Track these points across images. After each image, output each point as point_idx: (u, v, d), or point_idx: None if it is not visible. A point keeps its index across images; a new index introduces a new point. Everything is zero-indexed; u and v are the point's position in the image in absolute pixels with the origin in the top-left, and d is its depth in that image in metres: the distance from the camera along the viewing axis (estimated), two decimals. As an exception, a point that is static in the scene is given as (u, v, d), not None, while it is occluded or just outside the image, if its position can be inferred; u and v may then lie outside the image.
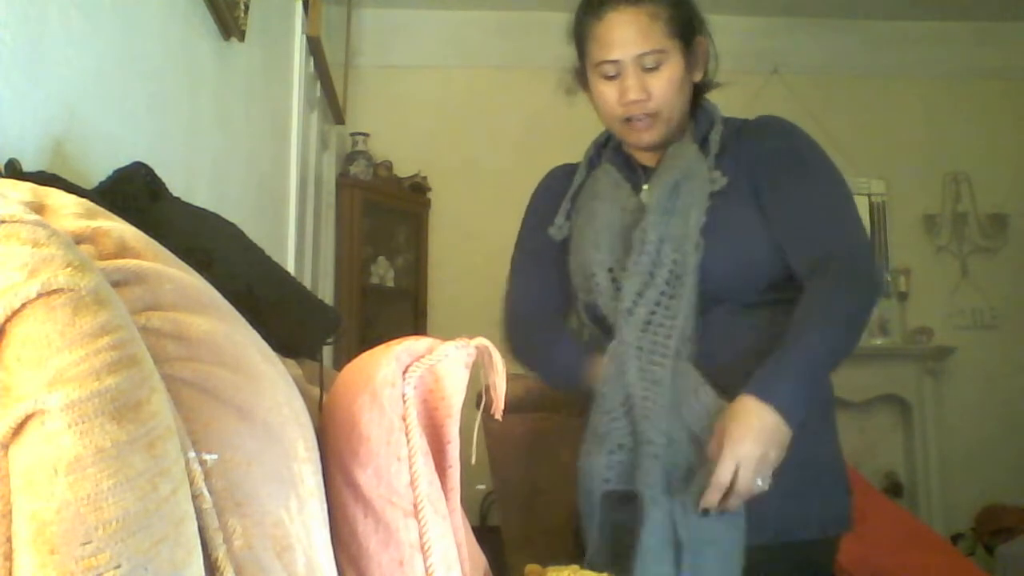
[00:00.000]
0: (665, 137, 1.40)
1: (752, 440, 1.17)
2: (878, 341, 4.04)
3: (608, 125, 1.45)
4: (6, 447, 0.51)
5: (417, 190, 4.05)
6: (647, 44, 1.34)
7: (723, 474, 1.18)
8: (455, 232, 3.99)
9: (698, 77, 1.43)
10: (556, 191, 1.51)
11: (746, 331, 1.31)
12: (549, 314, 1.46)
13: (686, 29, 1.38)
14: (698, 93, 1.45)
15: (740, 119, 1.45)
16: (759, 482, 1.18)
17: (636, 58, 1.34)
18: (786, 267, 1.34)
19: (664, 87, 1.35)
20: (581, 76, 1.47)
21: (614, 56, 1.35)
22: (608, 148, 1.50)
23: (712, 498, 1.19)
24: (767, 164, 1.36)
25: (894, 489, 3.98)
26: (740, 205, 1.34)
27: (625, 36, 1.35)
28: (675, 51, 1.36)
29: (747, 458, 1.17)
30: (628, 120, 1.38)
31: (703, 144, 1.40)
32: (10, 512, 0.51)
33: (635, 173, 1.44)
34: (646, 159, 1.44)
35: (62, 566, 0.49)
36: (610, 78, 1.37)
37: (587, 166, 1.50)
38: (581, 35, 1.43)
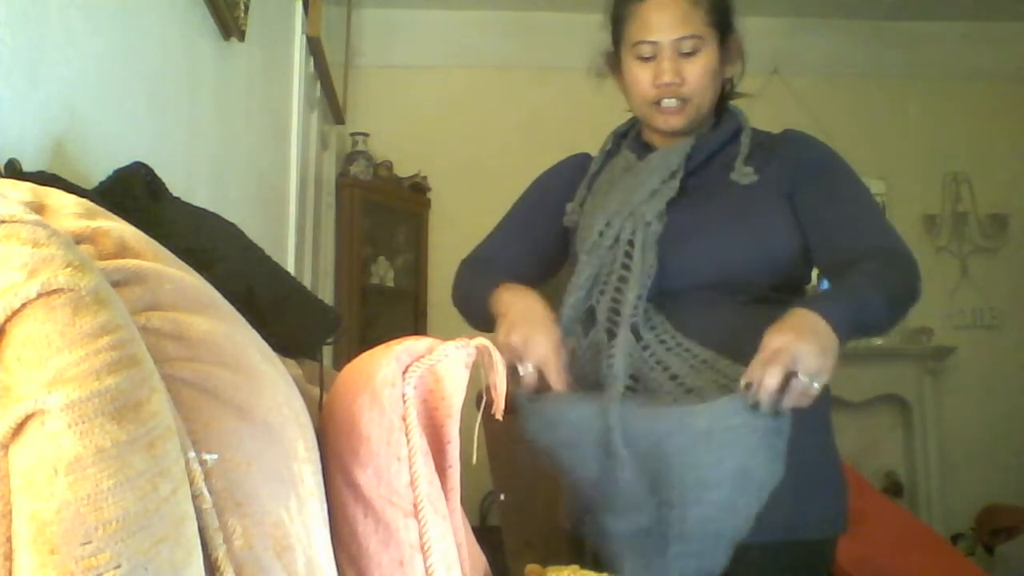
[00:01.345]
0: (692, 125, 1.41)
1: (805, 334, 1.11)
2: (878, 341, 4.03)
3: (637, 108, 1.45)
4: (6, 447, 0.51)
5: (417, 190, 4.05)
6: (686, 29, 1.36)
7: (774, 360, 1.09)
8: (455, 232, 3.96)
9: (730, 73, 1.46)
10: (569, 177, 1.51)
11: (755, 323, 1.31)
12: (505, 270, 1.44)
13: (723, 21, 1.41)
14: (723, 98, 1.47)
15: (763, 131, 1.46)
16: (815, 384, 1.09)
17: (674, 42, 1.36)
18: (803, 270, 1.38)
19: (699, 73, 1.37)
20: (613, 59, 1.48)
21: (653, 37, 1.37)
22: (628, 137, 1.51)
23: (767, 384, 1.09)
24: (807, 172, 1.38)
25: (894, 489, 3.98)
26: (768, 202, 1.36)
27: (665, 19, 1.36)
28: (712, 40, 1.38)
29: (801, 350, 1.10)
30: (658, 104, 1.39)
31: (731, 142, 1.42)
32: (10, 512, 0.51)
33: None
34: (665, 145, 1.44)
35: (62, 566, 0.49)
36: (645, 59, 1.38)
37: (604, 155, 1.50)
38: (619, 16, 1.43)
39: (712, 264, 1.32)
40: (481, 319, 1.37)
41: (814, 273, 1.55)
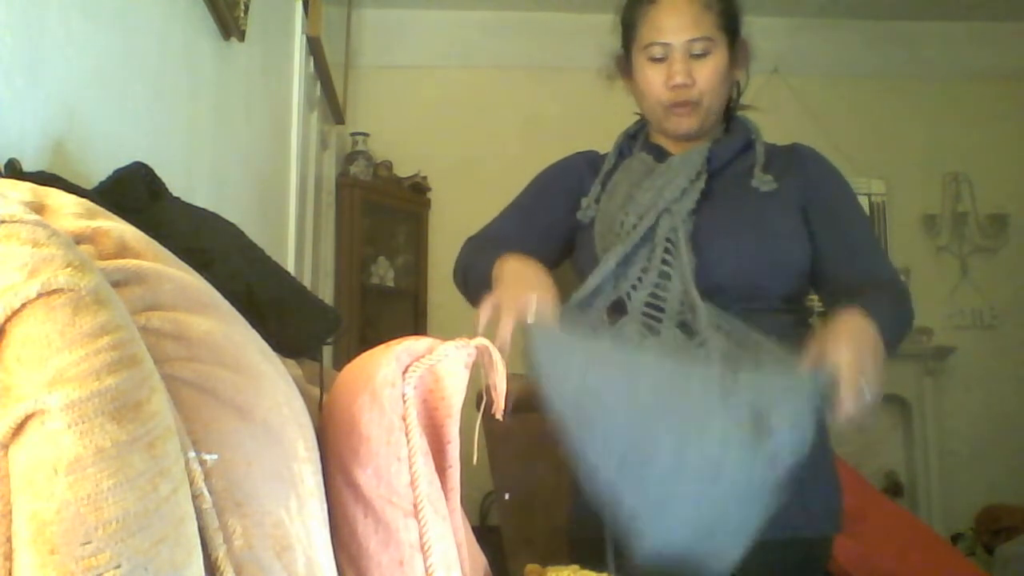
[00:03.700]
0: (703, 127, 1.43)
1: (877, 355, 1.16)
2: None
3: (649, 110, 1.46)
4: (6, 447, 0.51)
5: (417, 190, 4.05)
6: (698, 31, 1.38)
7: (853, 384, 1.12)
8: (455, 232, 3.95)
9: (738, 76, 1.48)
10: (581, 172, 1.51)
11: (765, 331, 1.32)
12: (511, 249, 1.39)
13: (733, 24, 1.43)
14: (729, 107, 1.49)
15: (770, 143, 1.48)
16: (868, 395, 1.15)
17: (686, 43, 1.38)
18: (808, 283, 1.40)
19: (709, 75, 1.39)
20: (623, 63, 1.50)
21: (665, 39, 1.39)
22: (638, 139, 1.51)
23: (852, 410, 1.13)
24: (819, 192, 1.42)
25: (894, 489, 3.98)
26: (787, 211, 1.38)
27: (678, 21, 1.38)
28: (722, 43, 1.40)
29: (873, 375, 1.14)
30: (670, 106, 1.41)
31: (745, 150, 1.44)
32: (10, 512, 0.51)
33: None
34: (678, 149, 1.45)
35: (62, 566, 0.49)
36: (657, 61, 1.40)
37: (617, 154, 1.51)
38: (631, 19, 1.45)
39: (734, 268, 1.33)
40: (480, 291, 1.32)
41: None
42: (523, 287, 1.21)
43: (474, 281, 1.38)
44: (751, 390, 1.16)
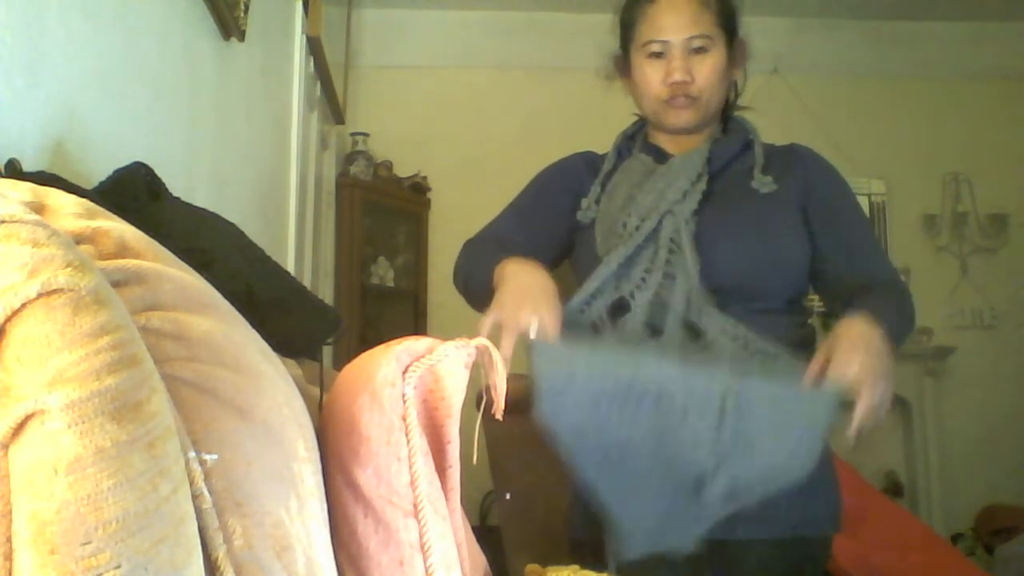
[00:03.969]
0: (700, 122, 1.44)
1: (887, 367, 1.18)
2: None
3: (647, 107, 1.47)
4: (6, 447, 0.51)
5: (417, 190, 4.05)
6: (696, 28, 1.40)
7: (870, 398, 1.15)
8: (455, 232, 3.94)
9: (736, 75, 1.49)
10: (580, 172, 1.51)
11: (766, 331, 1.32)
12: (513, 250, 1.37)
13: (731, 24, 1.45)
14: (727, 107, 1.50)
15: (768, 143, 1.49)
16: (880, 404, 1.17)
17: (685, 40, 1.40)
18: (807, 283, 1.41)
19: (708, 72, 1.41)
20: (622, 62, 1.51)
21: (664, 36, 1.41)
22: (637, 140, 1.52)
23: (866, 422, 1.15)
24: (818, 193, 1.42)
25: (894, 489, 3.97)
26: (787, 212, 1.39)
27: (676, 19, 1.40)
28: (720, 41, 1.42)
29: (886, 387, 1.17)
30: (668, 101, 1.42)
31: (743, 151, 1.45)
32: (10, 512, 0.51)
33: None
34: (677, 150, 1.46)
35: (62, 566, 0.49)
36: (656, 57, 1.41)
37: (616, 155, 1.51)
38: (630, 18, 1.47)
39: (735, 269, 1.34)
40: (481, 296, 1.32)
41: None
42: (525, 303, 1.21)
43: (475, 286, 1.38)
44: (755, 406, 1.16)
